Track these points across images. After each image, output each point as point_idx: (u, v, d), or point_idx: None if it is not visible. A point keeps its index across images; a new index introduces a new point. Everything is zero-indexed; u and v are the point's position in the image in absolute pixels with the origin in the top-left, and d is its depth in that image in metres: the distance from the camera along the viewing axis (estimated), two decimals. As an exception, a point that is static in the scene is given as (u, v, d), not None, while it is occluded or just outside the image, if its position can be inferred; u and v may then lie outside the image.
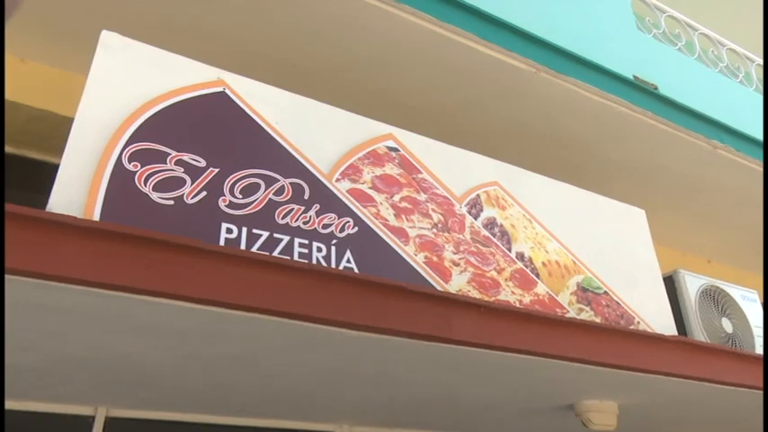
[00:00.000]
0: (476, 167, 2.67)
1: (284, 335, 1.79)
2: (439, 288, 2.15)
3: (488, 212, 2.52)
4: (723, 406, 3.00)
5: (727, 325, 3.25)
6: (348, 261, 2.01)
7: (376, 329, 1.81)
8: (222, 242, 1.76)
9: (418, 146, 2.53)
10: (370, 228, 2.12)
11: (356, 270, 2.00)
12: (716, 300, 3.32)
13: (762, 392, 2.70)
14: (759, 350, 3.16)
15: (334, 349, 1.96)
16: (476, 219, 2.47)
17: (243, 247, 1.79)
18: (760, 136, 4.39)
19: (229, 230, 1.79)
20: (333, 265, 1.96)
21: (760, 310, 3.52)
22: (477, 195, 2.55)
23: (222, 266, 1.58)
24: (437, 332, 1.91)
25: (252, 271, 1.61)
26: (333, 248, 1.99)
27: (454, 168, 2.60)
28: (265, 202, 1.93)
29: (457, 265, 2.27)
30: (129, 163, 1.72)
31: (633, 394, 2.65)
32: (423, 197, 2.38)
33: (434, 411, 2.96)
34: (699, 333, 3.03)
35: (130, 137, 1.75)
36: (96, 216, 1.58)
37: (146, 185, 1.72)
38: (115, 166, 1.68)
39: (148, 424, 2.72)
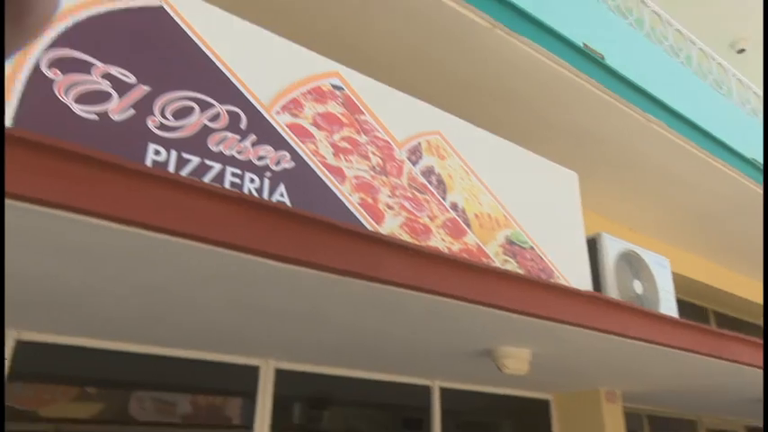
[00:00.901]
0: (420, 115, 2.67)
1: (211, 264, 1.77)
2: (371, 229, 2.16)
3: (427, 160, 2.54)
4: (627, 358, 3.22)
5: (638, 286, 3.46)
6: (281, 195, 1.98)
7: (306, 263, 1.81)
8: (149, 163, 1.69)
9: (364, 87, 2.49)
10: (307, 164, 2.10)
11: (289, 205, 1.98)
12: (631, 263, 3.51)
13: (661, 347, 2.91)
14: (663, 310, 3.38)
15: (262, 283, 1.95)
16: (414, 165, 2.48)
17: (171, 170, 1.73)
18: (692, 116, 4.58)
19: (157, 152, 1.73)
20: (265, 198, 1.93)
21: (669, 275, 3.76)
22: (419, 143, 2.56)
23: (147, 187, 1.52)
24: (367, 271, 1.94)
25: (179, 194, 1.57)
26: (266, 181, 1.95)
27: (398, 114, 2.58)
28: (199, 127, 1.86)
29: (391, 208, 2.29)
30: (49, 69, 1.61)
31: (546, 343, 2.80)
32: (363, 139, 2.36)
33: (360, 352, 3.03)
34: (613, 292, 3.21)
35: (53, 41, 1.63)
36: (7, 122, 1.47)
37: (67, 96, 1.62)
38: (33, 71, 1.57)
39: (63, 350, 2.65)
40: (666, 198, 5.19)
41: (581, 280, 3.00)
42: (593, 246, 3.41)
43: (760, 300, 6.50)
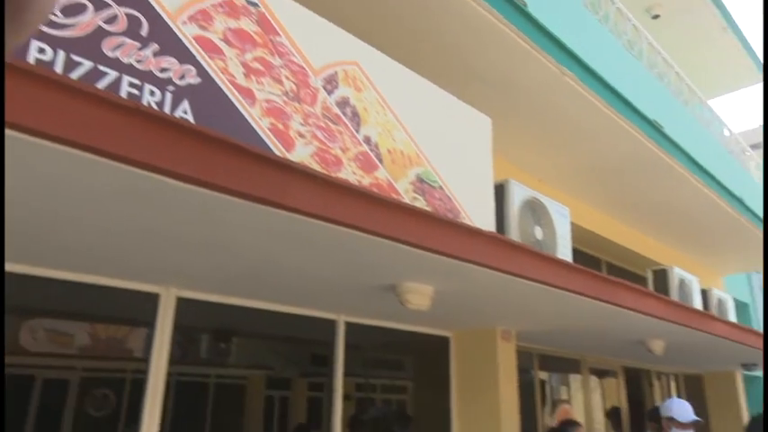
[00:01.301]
0: (338, 43, 2.58)
1: (102, 178, 1.65)
2: (280, 155, 2.10)
3: (343, 91, 2.48)
4: (523, 298, 3.40)
5: (538, 232, 3.63)
6: (185, 112, 1.87)
7: (208, 185, 1.73)
8: (31, 61, 1.53)
9: (281, 7, 2.36)
10: (215, 82, 1.98)
11: (193, 122, 1.87)
12: (534, 210, 3.67)
13: (555, 289, 3.10)
14: (559, 256, 3.58)
15: (160, 203, 1.86)
16: (329, 95, 2.41)
17: (59, 72, 1.58)
18: (604, 73, 4.74)
19: (42, 50, 1.56)
20: (167, 113, 1.81)
21: (567, 224, 3.96)
22: (335, 72, 2.49)
23: (27, 87, 1.38)
24: (273, 197, 1.89)
25: (65, 98, 1.43)
26: (168, 95, 1.83)
27: (316, 39, 2.48)
28: (92, 27, 1.69)
29: (302, 137, 2.22)
30: None
31: (448, 281, 2.89)
32: (277, 62, 2.26)
33: (266, 283, 3.00)
34: (515, 235, 3.35)
35: None
36: None
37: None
38: None
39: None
40: (572, 151, 5.41)
41: (486, 222, 3.09)
42: (500, 191, 3.52)
43: (646, 252, 7.05)
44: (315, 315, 3.75)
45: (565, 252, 3.83)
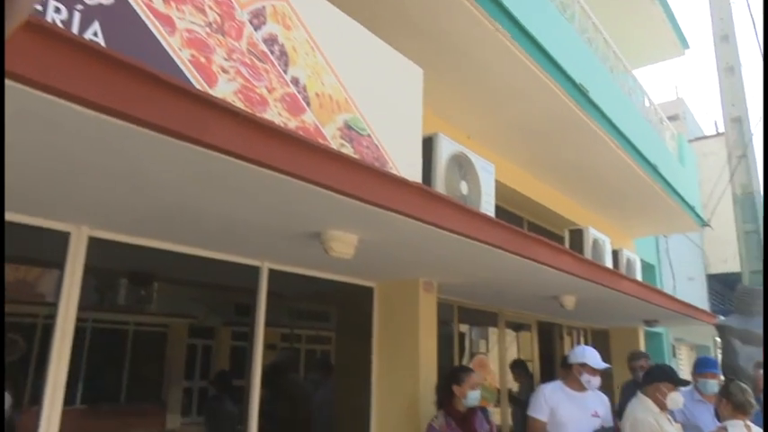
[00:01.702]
0: (268, -23, 2.46)
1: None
2: (200, 89, 2.00)
3: (271, 28, 2.38)
4: (446, 251, 3.48)
5: (464, 187, 3.70)
6: (95, 34, 1.74)
7: (119, 114, 1.63)
8: None
9: (205, -68, 2.21)
10: (130, 4, 1.84)
11: (104, 46, 1.74)
12: (461, 165, 3.73)
13: (477, 242, 3.18)
14: (483, 211, 3.66)
15: (67, 131, 1.74)
16: (256, 30, 2.31)
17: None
18: (536, 32, 4.80)
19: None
20: (75, 33, 1.68)
21: (492, 181, 4.06)
22: (263, 7, 2.38)
23: None
24: (191, 132, 1.80)
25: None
26: (77, 14, 1.69)
27: (243, -30, 2.35)
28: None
29: (226, 72, 2.13)
30: None
31: (373, 230, 2.91)
32: (200, -10, 2.12)
33: (185, 225, 2.90)
34: (441, 189, 3.40)
35: None
36: None
37: None
38: None
39: None
40: (500, 109, 5.49)
41: (412, 174, 3.11)
42: (428, 144, 3.55)
43: (565, 213, 7.37)
44: (237, 261, 3.68)
45: (488, 208, 3.93)
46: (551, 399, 3.95)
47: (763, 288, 4.71)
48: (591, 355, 4.02)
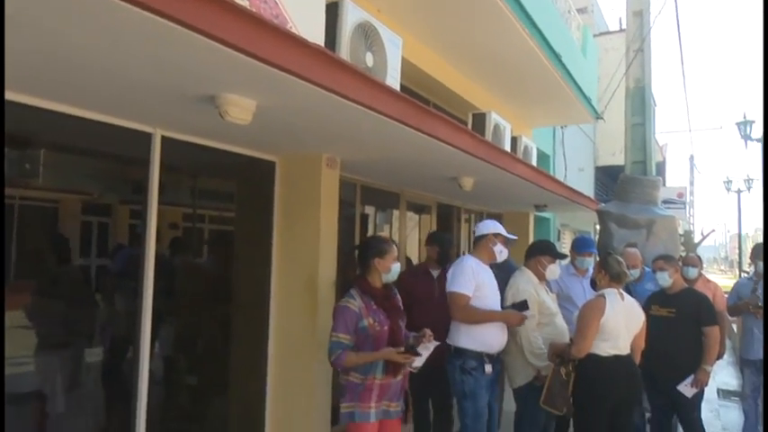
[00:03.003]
0: None
1: None
2: None
3: None
4: (347, 123, 3.44)
5: (369, 59, 3.60)
6: None
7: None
8: None
9: None
10: None
11: None
12: (367, 35, 3.59)
13: (378, 114, 3.15)
14: (387, 83, 3.60)
15: None
16: None
17: None
18: None
19: None
20: None
21: (399, 55, 3.97)
22: None
23: None
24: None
25: None
26: None
27: None
28: None
29: None
30: None
31: (271, 95, 2.79)
32: None
33: (68, 80, 2.64)
34: (345, 58, 3.27)
35: None
36: None
37: None
38: None
39: None
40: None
41: (315, 38, 2.95)
42: (333, 10, 3.36)
43: (470, 98, 7.46)
44: (127, 126, 3.44)
45: (393, 83, 3.86)
46: (477, 273, 3.87)
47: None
48: (501, 227, 4.15)
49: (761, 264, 5.27)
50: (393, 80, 3.86)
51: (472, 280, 3.81)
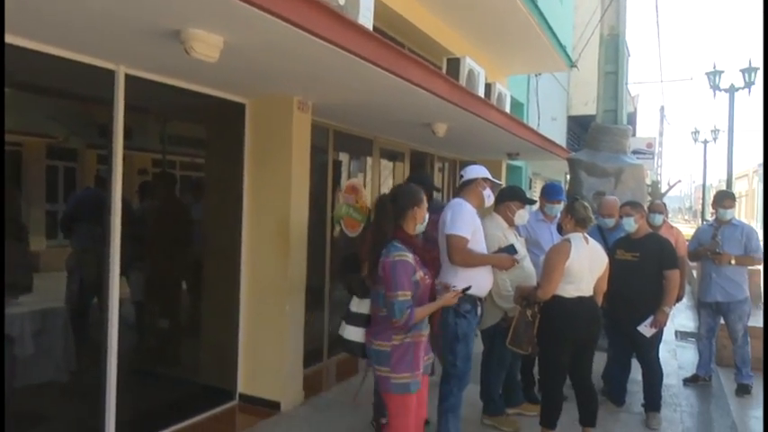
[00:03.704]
0: None
1: None
2: None
3: None
4: (318, 63, 3.36)
5: (342, -3, 3.49)
6: None
7: None
8: None
9: None
10: None
11: None
12: (340, -29, 3.46)
13: (349, 54, 3.09)
14: (360, 22, 3.50)
15: None
16: None
17: None
18: None
19: None
20: None
21: (373, -5, 3.85)
22: None
23: None
24: None
25: None
26: None
27: None
28: None
29: None
30: None
31: (238, 31, 2.71)
32: None
33: (7, 6, 2.50)
34: (316, -6, 3.16)
35: None
36: None
37: None
38: None
39: None
40: None
41: (284, -28, 2.85)
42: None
43: (446, 43, 7.33)
44: (89, 62, 3.31)
45: (366, 23, 3.76)
46: (474, 217, 3.77)
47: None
48: (488, 172, 4.08)
49: (721, 210, 5.43)
50: (366, 20, 3.76)
51: (471, 223, 3.73)
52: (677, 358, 6.61)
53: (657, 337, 4.68)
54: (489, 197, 3.99)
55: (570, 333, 3.75)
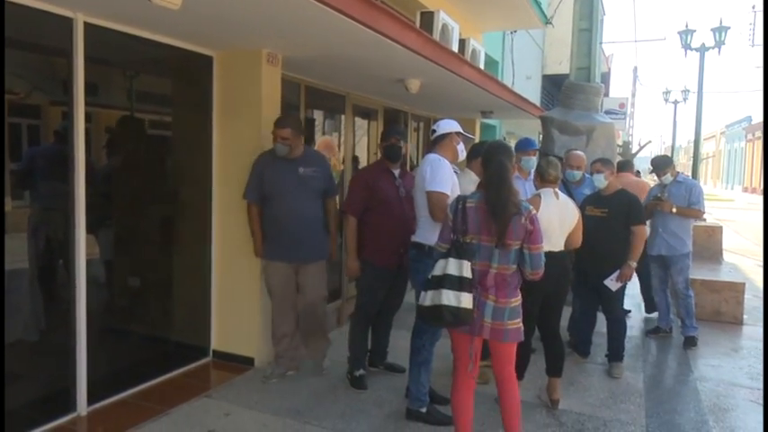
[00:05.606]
0: None
1: None
2: None
3: None
4: (286, 14, 3.26)
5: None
6: None
7: None
8: None
9: None
10: None
11: None
12: None
13: (319, 3, 2.99)
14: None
15: None
16: None
17: None
18: None
19: None
20: None
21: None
22: None
23: None
24: None
25: None
26: None
27: None
28: None
29: None
30: None
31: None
32: None
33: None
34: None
35: None
36: None
37: None
38: None
39: None
40: None
41: None
42: None
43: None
44: (44, 9, 3.15)
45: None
46: (452, 172, 3.71)
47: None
48: (459, 126, 3.99)
49: (662, 175, 5.65)
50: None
51: (450, 179, 3.65)
52: (641, 312, 6.82)
53: (622, 290, 4.81)
54: (462, 152, 3.95)
55: (539, 286, 3.82)
